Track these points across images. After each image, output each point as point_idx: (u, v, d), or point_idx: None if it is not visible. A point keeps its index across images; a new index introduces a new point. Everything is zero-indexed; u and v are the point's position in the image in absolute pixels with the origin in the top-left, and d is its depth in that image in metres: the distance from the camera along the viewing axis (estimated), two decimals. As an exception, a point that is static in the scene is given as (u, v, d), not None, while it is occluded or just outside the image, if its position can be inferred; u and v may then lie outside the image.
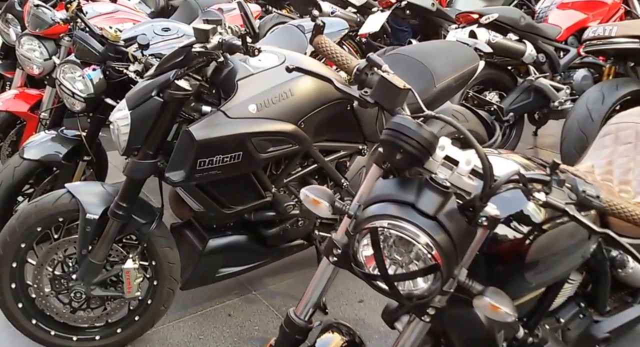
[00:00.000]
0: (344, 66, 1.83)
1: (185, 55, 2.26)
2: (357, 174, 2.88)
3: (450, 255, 1.35)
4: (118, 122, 2.33)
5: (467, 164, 1.44)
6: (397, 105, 1.55)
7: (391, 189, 1.44)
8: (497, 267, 1.53)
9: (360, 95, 1.64)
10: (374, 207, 1.44)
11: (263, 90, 2.41)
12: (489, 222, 1.35)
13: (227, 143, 2.32)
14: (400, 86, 1.54)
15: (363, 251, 1.47)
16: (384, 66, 1.63)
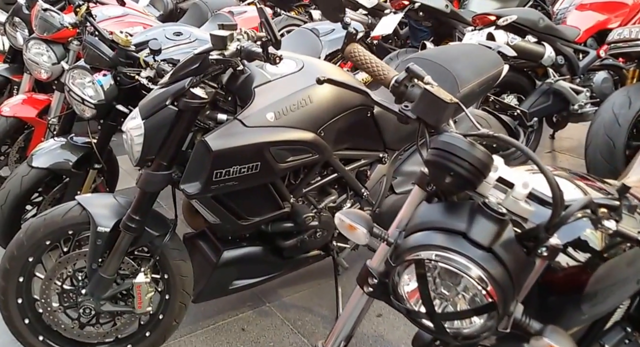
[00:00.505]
0: (380, 77, 1.72)
1: (201, 62, 2.17)
2: (378, 183, 2.78)
3: (507, 291, 1.22)
4: (131, 132, 2.24)
5: (525, 187, 1.30)
6: (442, 121, 1.44)
7: (438, 215, 1.32)
8: (551, 298, 1.39)
9: (399, 110, 1.52)
10: (418, 236, 1.31)
11: (281, 98, 2.31)
12: (549, 252, 1.22)
13: (244, 153, 2.22)
14: (446, 100, 1.42)
15: (405, 284, 1.34)
16: (426, 77, 1.51)
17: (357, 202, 2.75)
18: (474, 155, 1.28)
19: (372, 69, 1.74)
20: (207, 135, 2.20)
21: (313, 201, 2.60)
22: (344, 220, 1.44)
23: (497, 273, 1.21)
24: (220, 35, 2.07)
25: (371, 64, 1.74)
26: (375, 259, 1.50)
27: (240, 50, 2.08)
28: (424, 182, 1.44)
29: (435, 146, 1.33)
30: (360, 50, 1.78)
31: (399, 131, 2.75)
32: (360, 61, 1.76)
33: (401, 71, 1.71)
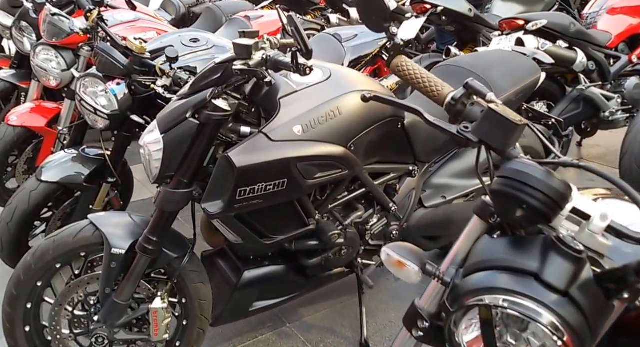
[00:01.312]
0: (433, 93, 1.55)
1: (223, 72, 2.02)
2: (407, 197, 2.61)
3: (585, 340, 1.06)
4: (149, 147, 2.07)
5: (603, 219, 1.12)
6: (510, 144, 1.27)
7: (504, 252, 1.15)
8: (621, 340, 1.21)
9: (458, 131, 1.34)
10: (481, 277, 1.15)
11: (308, 110, 2.15)
12: (630, 294, 1.06)
13: (270, 169, 2.06)
14: (515, 121, 1.25)
15: (464, 332, 1.17)
16: (489, 95, 1.34)
17: (384, 217, 2.58)
18: (551, 186, 1.12)
19: (423, 84, 1.56)
20: (230, 150, 2.03)
21: (339, 217, 2.44)
22: (392, 255, 1.28)
23: (575, 321, 1.05)
24: (244, 44, 1.90)
25: (422, 78, 1.57)
26: (426, 298, 1.33)
27: (266, 59, 1.91)
28: (486, 213, 1.27)
29: (505, 175, 1.17)
30: (409, 64, 1.61)
31: (430, 143, 2.59)
32: (410, 76, 1.59)
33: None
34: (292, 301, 2.63)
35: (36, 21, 4.04)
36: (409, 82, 1.60)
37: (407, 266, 1.27)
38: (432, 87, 1.55)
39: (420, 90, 1.58)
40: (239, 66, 1.91)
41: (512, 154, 1.26)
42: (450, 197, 2.74)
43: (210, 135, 2.07)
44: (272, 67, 1.91)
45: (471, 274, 1.17)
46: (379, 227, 2.55)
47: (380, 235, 2.59)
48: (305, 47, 1.80)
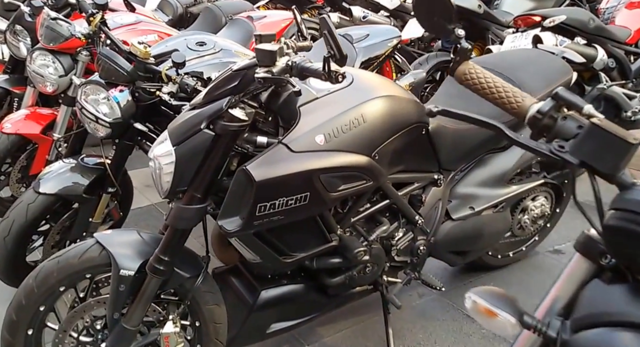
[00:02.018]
0: (511, 105, 1.37)
1: (241, 80, 1.86)
2: (433, 209, 2.45)
3: None
4: (160, 160, 1.91)
5: None
6: (621, 168, 1.07)
7: (624, 302, 0.97)
8: None
9: (552, 151, 1.16)
10: (597, 335, 0.96)
11: (331, 118, 1.99)
12: None
13: (292, 183, 1.90)
14: (629, 139, 1.05)
15: None
16: (586, 107, 1.16)
17: (410, 230, 2.41)
18: None
19: (498, 94, 1.39)
20: (248, 163, 1.87)
21: (362, 231, 2.27)
22: (479, 302, 1.09)
23: None
24: (268, 49, 1.73)
25: (497, 88, 1.40)
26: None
27: (291, 66, 1.74)
28: (595, 252, 1.10)
29: (623, 207, 0.99)
30: (479, 71, 1.44)
31: (456, 149, 2.45)
32: (481, 85, 1.43)
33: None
34: (312, 321, 2.46)
35: (31, 25, 3.88)
36: (479, 92, 1.44)
37: (499, 316, 1.09)
38: (510, 98, 1.38)
39: (495, 101, 1.40)
40: (262, 74, 1.75)
41: (626, 180, 1.07)
42: (479, 208, 2.58)
43: (226, 147, 1.91)
44: (298, 75, 1.75)
45: (583, 329, 0.99)
46: (405, 242, 2.39)
47: (407, 250, 2.43)
48: (340, 53, 1.64)
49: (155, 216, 3.96)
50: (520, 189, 2.74)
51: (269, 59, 1.74)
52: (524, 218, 2.94)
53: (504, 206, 2.70)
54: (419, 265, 2.51)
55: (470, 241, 2.64)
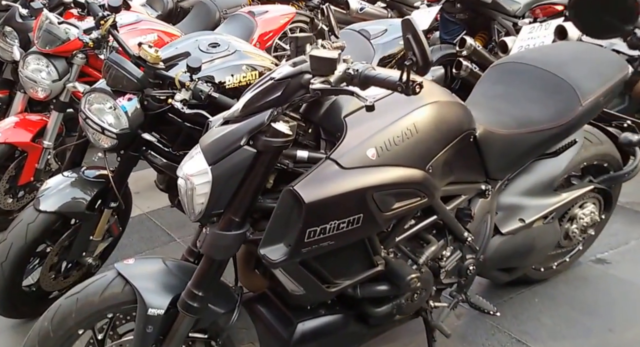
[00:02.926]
0: None
1: (284, 90, 1.63)
2: (482, 223, 2.23)
3: None
4: (192, 180, 1.67)
5: None
6: None
7: None
8: None
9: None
10: None
11: (381, 129, 1.76)
12: None
13: (344, 203, 1.68)
14: None
15: None
16: None
17: (458, 249, 2.20)
18: None
19: None
20: (295, 183, 1.64)
21: (409, 253, 2.05)
22: None
23: None
24: (327, 57, 1.50)
25: None
26: None
27: (352, 75, 1.51)
28: None
29: None
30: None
31: (504, 157, 2.24)
32: None
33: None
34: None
35: (22, 26, 3.69)
36: None
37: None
38: None
39: None
40: (319, 85, 1.52)
41: None
42: (529, 220, 2.37)
43: (267, 165, 1.69)
44: (360, 84, 1.52)
45: None
46: (453, 262, 2.17)
47: (454, 271, 2.21)
48: (424, 60, 1.41)
49: (149, 226, 3.73)
50: (570, 197, 2.52)
51: (328, 67, 1.51)
52: (572, 227, 2.71)
53: (554, 216, 2.50)
54: (466, 286, 2.30)
55: (520, 257, 2.43)
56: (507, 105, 2.31)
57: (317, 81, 1.53)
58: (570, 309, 2.82)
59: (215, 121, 1.90)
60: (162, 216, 3.80)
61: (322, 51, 1.53)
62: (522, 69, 2.38)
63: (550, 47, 2.79)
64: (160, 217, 3.79)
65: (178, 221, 3.60)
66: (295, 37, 1.98)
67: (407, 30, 1.42)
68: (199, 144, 1.76)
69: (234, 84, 2.56)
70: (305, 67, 1.64)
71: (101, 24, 2.74)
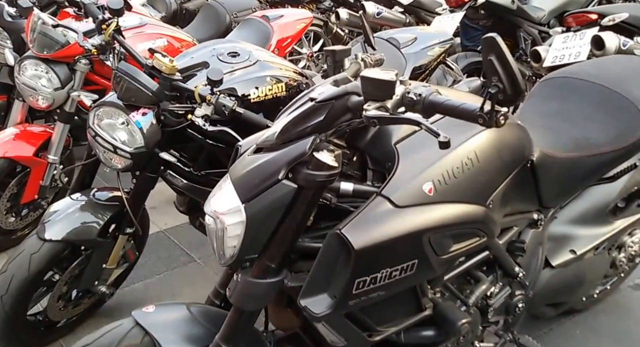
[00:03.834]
0: None
1: (327, 114, 1.41)
2: (533, 256, 2.01)
3: None
4: (222, 219, 1.45)
5: None
6: None
7: None
8: None
9: None
10: None
11: (438, 158, 1.54)
12: None
13: (399, 248, 1.47)
14: None
15: None
16: None
17: (507, 285, 1.98)
18: None
19: None
20: (342, 224, 1.42)
21: (457, 292, 1.83)
22: None
23: None
24: (384, 79, 1.27)
25: None
26: None
27: (414, 100, 1.28)
28: None
29: None
30: None
31: (560, 182, 2.03)
32: None
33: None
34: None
35: (12, 25, 3.42)
36: None
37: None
38: None
39: None
40: (374, 112, 1.29)
41: None
42: (581, 252, 2.16)
43: (310, 203, 1.47)
44: (425, 111, 1.29)
45: None
46: (501, 298, 1.95)
47: (502, 308, 2.00)
48: (514, 88, 1.19)
49: (166, 245, 3.48)
50: (624, 224, 2.32)
51: (386, 91, 1.28)
52: (619, 256, 2.49)
53: (605, 246, 2.28)
54: (513, 324, 2.08)
55: (570, 291, 2.24)
56: (563, 125, 2.09)
57: (372, 107, 1.30)
58: (614, 342, 2.64)
59: (246, 145, 1.69)
60: (180, 234, 3.56)
61: (375, 72, 1.30)
62: (578, 84, 2.17)
63: (605, 60, 2.58)
64: (179, 235, 3.55)
65: (198, 239, 3.36)
66: (332, 51, 1.78)
67: (491, 50, 1.19)
68: (228, 174, 1.55)
69: (259, 97, 2.36)
70: (351, 88, 1.43)
71: (103, 29, 2.50)
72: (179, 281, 3.15)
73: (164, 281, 3.15)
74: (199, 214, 2.65)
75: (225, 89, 2.20)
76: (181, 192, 2.46)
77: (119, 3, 2.45)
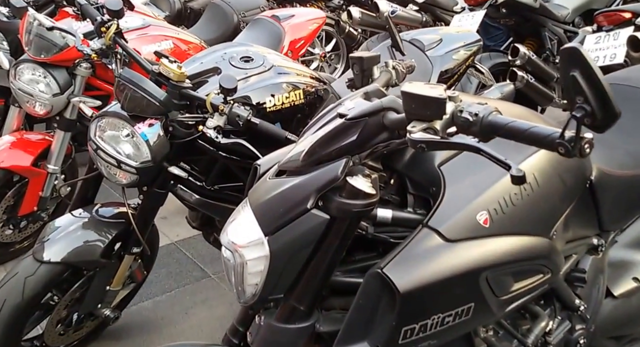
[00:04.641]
0: None
1: (361, 132, 1.20)
2: (593, 286, 1.80)
3: None
4: (243, 254, 1.26)
5: None
6: None
7: None
8: None
9: None
10: None
11: (492, 182, 1.33)
12: None
13: (452, 290, 1.26)
14: None
15: None
16: None
17: (567, 319, 1.76)
18: None
19: None
20: (383, 262, 1.21)
21: (512, 330, 1.61)
22: None
23: None
24: (432, 96, 1.05)
25: None
26: None
27: (470, 122, 1.06)
28: None
29: None
30: None
31: (621, 203, 1.80)
32: None
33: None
34: None
35: (8, 26, 3.24)
36: None
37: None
38: None
39: None
40: (420, 135, 1.08)
41: None
42: None
43: (344, 236, 1.26)
44: (483, 134, 1.07)
45: None
46: (560, 334, 1.74)
47: (560, 344, 1.78)
48: (606, 110, 0.97)
49: (178, 258, 3.27)
50: None
51: (434, 111, 1.07)
52: None
53: None
54: None
55: (635, 322, 2.01)
56: (619, 139, 1.88)
57: (418, 128, 1.08)
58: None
59: (266, 165, 1.49)
60: (193, 246, 3.35)
61: (419, 86, 1.08)
62: (632, 92, 1.96)
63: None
64: (191, 248, 3.35)
65: (212, 252, 3.13)
66: (359, 58, 1.60)
67: (574, 63, 0.98)
68: (247, 199, 1.34)
69: (275, 106, 2.16)
70: (387, 103, 1.22)
71: (102, 32, 2.29)
72: (191, 298, 2.95)
73: (175, 298, 2.95)
74: (214, 229, 2.47)
75: (239, 97, 2.00)
76: (193, 207, 2.27)
77: (117, 4, 2.24)
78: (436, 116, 1.07)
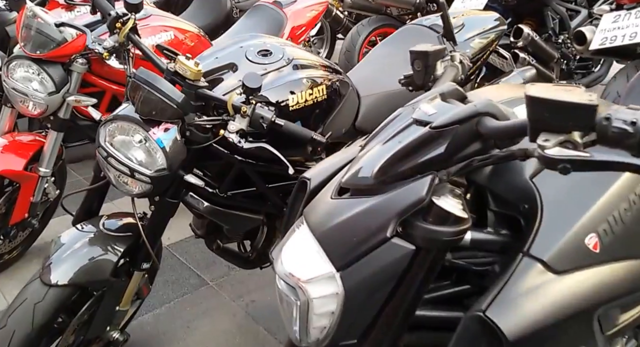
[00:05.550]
0: None
1: (449, 143, 1.01)
2: None
3: None
4: (308, 290, 1.06)
5: None
6: None
7: None
8: None
9: None
10: None
11: (596, 197, 1.14)
12: None
13: (565, 333, 1.06)
14: None
15: None
16: None
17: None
18: None
19: None
20: (483, 301, 1.02)
21: None
22: None
23: None
24: (580, 102, 0.85)
25: None
26: None
27: (630, 133, 0.85)
28: None
29: None
30: None
31: None
32: None
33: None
34: None
35: None
36: None
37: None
38: None
39: None
40: (556, 149, 0.88)
41: None
42: None
43: (430, 268, 1.06)
44: (636, 150, 0.87)
45: None
46: None
47: None
48: None
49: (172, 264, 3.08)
50: None
51: (580, 121, 0.87)
52: None
53: None
54: None
55: None
56: None
57: (552, 142, 0.88)
58: None
59: (316, 178, 1.29)
60: (186, 250, 3.18)
61: (550, 89, 0.87)
62: None
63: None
64: (185, 252, 3.16)
65: (207, 256, 2.99)
66: (423, 53, 1.40)
67: None
68: (303, 218, 1.15)
69: (298, 104, 1.95)
70: (483, 107, 1.02)
71: (117, 28, 2.07)
72: (192, 309, 2.78)
73: (174, 310, 2.77)
74: (220, 237, 2.30)
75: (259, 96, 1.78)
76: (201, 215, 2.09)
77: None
78: (582, 127, 0.87)
